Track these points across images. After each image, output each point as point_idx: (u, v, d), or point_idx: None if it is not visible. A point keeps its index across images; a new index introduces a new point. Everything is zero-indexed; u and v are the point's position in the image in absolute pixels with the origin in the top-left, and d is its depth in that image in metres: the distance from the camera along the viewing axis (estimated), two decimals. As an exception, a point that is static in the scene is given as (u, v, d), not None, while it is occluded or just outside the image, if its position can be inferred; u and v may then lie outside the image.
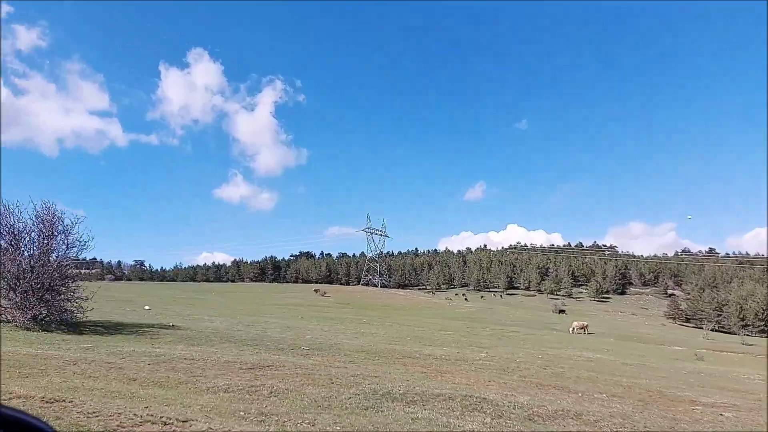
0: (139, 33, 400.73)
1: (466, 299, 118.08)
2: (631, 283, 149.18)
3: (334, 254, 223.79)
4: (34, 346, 11.30)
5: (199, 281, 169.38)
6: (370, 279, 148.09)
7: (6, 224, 16.01)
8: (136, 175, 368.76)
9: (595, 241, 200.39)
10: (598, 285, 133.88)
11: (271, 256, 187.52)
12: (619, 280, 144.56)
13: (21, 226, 16.38)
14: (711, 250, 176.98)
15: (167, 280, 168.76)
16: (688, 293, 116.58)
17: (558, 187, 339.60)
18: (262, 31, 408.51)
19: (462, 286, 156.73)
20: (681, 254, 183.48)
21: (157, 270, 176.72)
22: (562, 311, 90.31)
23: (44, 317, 16.18)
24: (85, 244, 17.31)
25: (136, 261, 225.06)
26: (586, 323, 48.60)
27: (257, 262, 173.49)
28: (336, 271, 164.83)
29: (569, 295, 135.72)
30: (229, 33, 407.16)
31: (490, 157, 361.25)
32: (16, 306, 16.07)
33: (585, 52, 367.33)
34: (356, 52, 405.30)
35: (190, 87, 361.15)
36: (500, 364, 15.56)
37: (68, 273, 17.03)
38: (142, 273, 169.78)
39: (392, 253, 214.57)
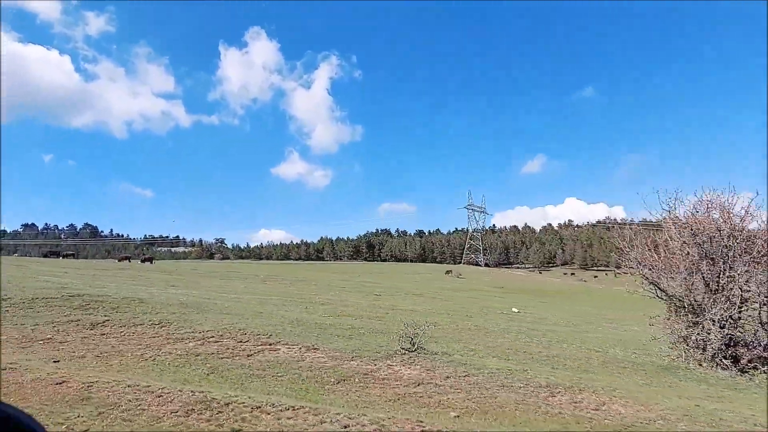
0: (200, 14, 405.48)
1: (583, 280, 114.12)
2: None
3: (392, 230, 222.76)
4: None
5: (294, 259, 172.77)
6: (472, 257, 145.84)
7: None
8: (199, 154, 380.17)
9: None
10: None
11: (365, 234, 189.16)
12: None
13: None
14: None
15: (264, 258, 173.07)
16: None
17: (623, 157, 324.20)
18: (317, 6, 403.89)
19: (563, 264, 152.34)
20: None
21: (254, 247, 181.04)
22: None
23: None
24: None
25: (216, 239, 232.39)
26: None
27: (352, 240, 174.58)
28: (431, 250, 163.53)
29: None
30: (285, 9, 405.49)
31: (550, 128, 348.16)
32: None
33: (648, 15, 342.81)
34: (411, 25, 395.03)
35: (248, 66, 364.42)
36: None
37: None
38: (240, 252, 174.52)
39: (457, 229, 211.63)
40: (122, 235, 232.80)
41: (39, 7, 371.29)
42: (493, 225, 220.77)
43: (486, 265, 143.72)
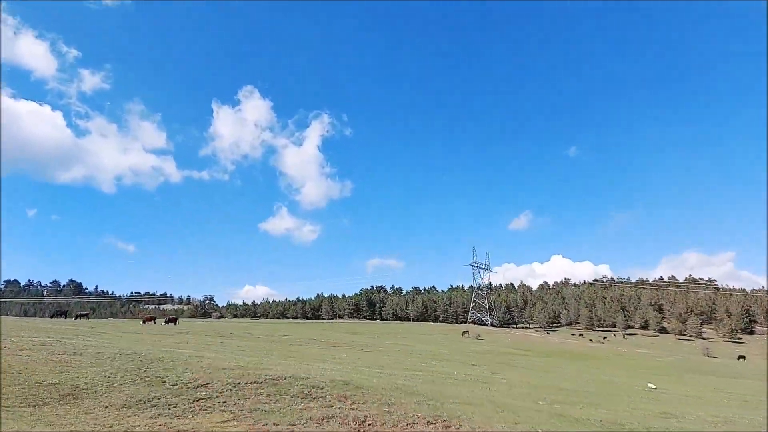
0: (195, 72, 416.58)
1: (590, 340, 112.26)
2: (755, 321, 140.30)
3: (373, 286, 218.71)
4: None
5: (291, 317, 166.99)
6: (478, 317, 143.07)
7: None
8: (188, 209, 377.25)
9: (690, 274, 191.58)
10: (731, 324, 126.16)
11: (364, 290, 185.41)
12: (745, 317, 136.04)
13: None
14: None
15: (257, 317, 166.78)
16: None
17: (607, 216, 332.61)
18: (311, 66, 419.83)
19: (568, 324, 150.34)
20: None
21: (249, 305, 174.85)
22: (742, 357, 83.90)
23: None
24: None
25: (205, 296, 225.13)
26: None
27: (350, 297, 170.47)
28: (433, 308, 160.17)
29: (699, 336, 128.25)
30: (278, 69, 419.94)
31: (537, 186, 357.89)
32: None
33: (632, 75, 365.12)
34: (401, 85, 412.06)
35: (240, 123, 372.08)
36: None
37: None
38: (235, 309, 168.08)
39: (452, 287, 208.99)
40: (107, 292, 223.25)
41: (35, 65, 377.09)
42: (490, 283, 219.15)
43: (492, 324, 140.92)
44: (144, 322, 54.44)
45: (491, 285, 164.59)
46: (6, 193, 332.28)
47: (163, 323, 54.83)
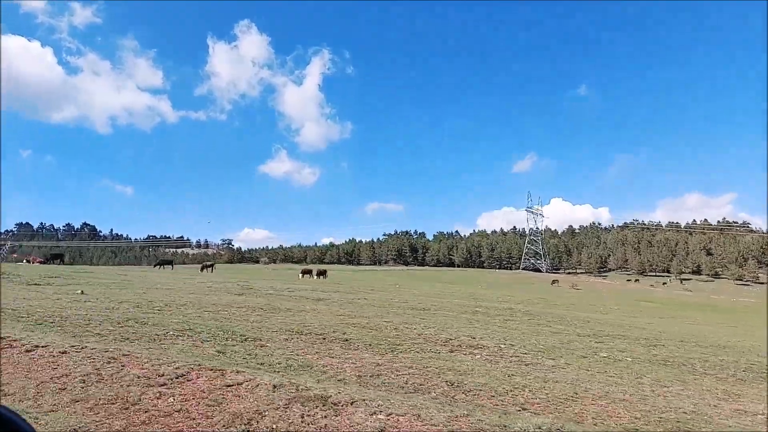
0: (189, 6, 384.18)
1: (651, 286, 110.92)
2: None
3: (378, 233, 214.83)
4: None
5: (327, 262, 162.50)
6: (531, 263, 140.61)
7: None
8: (185, 151, 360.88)
9: (724, 218, 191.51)
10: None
11: (389, 234, 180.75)
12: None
13: None
14: None
15: (296, 261, 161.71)
16: None
17: (610, 159, 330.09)
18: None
19: (617, 269, 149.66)
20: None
21: (287, 248, 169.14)
22: None
23: None
24: None
25: (223, 240, 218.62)
26: None
27: (392, 242, 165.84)
28: (477, 254, 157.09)
29: (756, 280, 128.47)
30: (276, 2, 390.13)
31: (543, 126, 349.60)
32: None
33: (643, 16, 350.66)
34: (405, 22, 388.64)
35: (237, 60, 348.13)
36: None
37: None
38: (274, 254, 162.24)
39: (457, 233, 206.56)
40: (122, 235, 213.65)
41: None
42: (514, 227, 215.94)
43: (546, 270, 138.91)
44: (302, 275, 48.23)
45: (543, 230, 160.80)
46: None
47: (315, 276, 48.61)
